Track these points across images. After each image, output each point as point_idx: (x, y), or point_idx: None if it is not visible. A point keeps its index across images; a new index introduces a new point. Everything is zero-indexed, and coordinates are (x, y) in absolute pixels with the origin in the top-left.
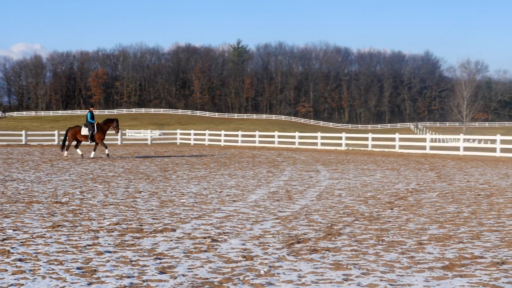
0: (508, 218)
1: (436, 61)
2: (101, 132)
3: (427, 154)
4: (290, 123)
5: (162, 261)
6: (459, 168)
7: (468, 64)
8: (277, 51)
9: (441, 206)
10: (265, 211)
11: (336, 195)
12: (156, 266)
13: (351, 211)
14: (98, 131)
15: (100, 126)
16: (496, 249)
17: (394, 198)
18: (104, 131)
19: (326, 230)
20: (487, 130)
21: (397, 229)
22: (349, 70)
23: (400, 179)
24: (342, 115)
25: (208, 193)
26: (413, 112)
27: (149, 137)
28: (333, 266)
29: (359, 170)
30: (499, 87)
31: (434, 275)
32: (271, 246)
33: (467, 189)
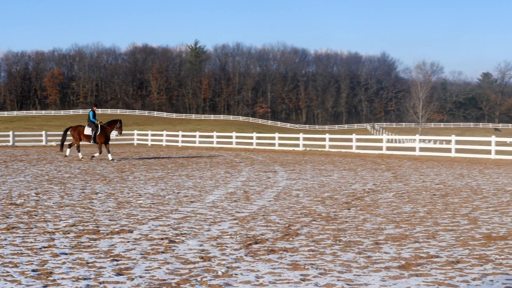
0: (463, 217)
1: (392, 62)
2: (103, 133)
3: (384, 154)
4: (248, 123)
5: (119, 262)
6: (415, 168)
7: (423, 66)
8: (235, 51)
9: (398, 206)
10: (222, 212)
11: (294, 195)
12: (113, 267)
13: (309, 211)
14: (101, 132)
15: (103, 127)
16: (451, 248)
17: (351, 198)
18: (108, 132)
19: (283, 231)
20: (443, 130)
21: (354, 229)
22: (307, 71)
23: (357, 180)
24: (300, 115)
25: (166, 194)
26: (369, 113)
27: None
28: (290, 267)
29: (316, 171)
30: (454, 88)
31: (390, 274)
32: (229, 247)
33: (423, 189)
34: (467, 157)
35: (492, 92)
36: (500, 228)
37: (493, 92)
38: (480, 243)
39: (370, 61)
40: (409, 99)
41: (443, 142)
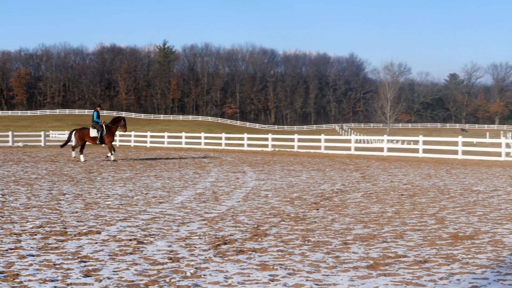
0: (430, 217)
1: (361, 63)
2: (109, 132)
3: (352, 155)
4: (216, 124)
5: (87, 264)
6: (383, 168)
7: (391, 66)
8: (204, 52)
9: (366, 206)
10: (191, 212)
11: (263, 196)
12: (81, 269)
13: (277, 211)
14: (107, 132)
15: (108, 127)
16: (419, 248)
17: (319, 198)
18: (113, 131)
19: (252, 231)
20: (410, 131)
21: (322, 229)
22: (275, 72)
23: (325, 180)
24: (269, 116)
25: (134, 195)
26: (338, 113)
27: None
28: (259, 267)
29: (285, 171)
30: (421, 89)
31: (359, 274)
32: (198, 248)
33: (391, 189)
34: (434, 157)
35: (459, 93)
36: (467, 228)
37: (460, 93)
38: (447, 242)
39: (339, 62)
40: (377, 100)
41: (410, 143)
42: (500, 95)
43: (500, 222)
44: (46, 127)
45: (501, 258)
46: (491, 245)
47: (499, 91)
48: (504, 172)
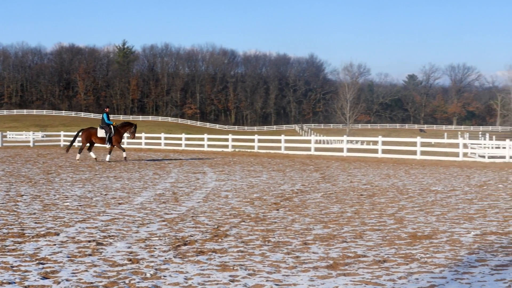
0: (389, 217)
1: (321, 64)
2: (117, 134)
3: (312, 155)
4: (176, 124)
5: (45, 266)
6: (342, 169)
7: (351, 67)
8: (163, 52)
9: (326, 207)
10: (151, 213)
11: (223, 196)
12: (39, 271)
13: (238, 212)
14: (115, 133)
15: (117, 129)
16: (378, 247)
17: (280, 199)
18: (121, 134)
19: (212, 232)
20: (369, 131)
21: (282, 230)
22: (235, 72)
23: (285, 180)
24: (229, 116)
25: (93, 196)
26: (298, 114)
27: (31, 139)
28: (219, 268)
29: (245, 172)
30: (380, 90)
31: (318, 274)
32: (158, 249)
33: (351, 190)
34: (393, 157)
35: (417, 94)
36: (425, 227)
37: (418, 94)
38: (406, 242)
39: (299, 63)
40: (337, 101)
41: (370, 143)
42: (457, 96)
43: (457, 221)
44: (3, 127)
45: (459, 257)
46: (449, 245)
47: (456, 92)
48: (461, 172)
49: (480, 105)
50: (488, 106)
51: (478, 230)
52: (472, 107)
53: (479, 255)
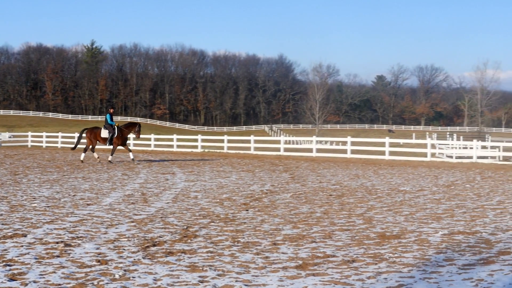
0: (358, 217)
1: (290, 64)
2: (120, 135)
3: (281, 155)
4: (145, 125)
5: (12, 267)
6: (312, 169)
7: (320, 68)
8: (132, 52)
9: (295, 207)
10: (120, 214)
11: (192, 197)
12: (6, 273)
13: (207, 213)
14: (118, 134)
15: (120, 129)
16: (347, 247)
17: (249, 199)
18: (125, 135)
19: (182, 233)
20: (339, 132)
21: (252, 230)
22: (205, 73)
23: (255, 181)
24: (198, 117)
25: (61, 197)
26: (267, 115)
27: None
28: (189, 268)
29: (214, 172)
30: (349, 91)
31: (288, 274)
32: (126, 250)
33: (320, 190)
34: (362, 158)
35: (386, 94)
36: (394, 227)
37: (387, 95)
38: (375, 242)
39: (268, 63)
40: (306, 101)
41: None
42: (425, 97)
43: (425, 221)
44: None
45: (427, 257)
46: (417, 244)
47: (424, 92)
48: (429, 172)
49: (447, 105)
50: (455, 106)
51: (446, 230)
52: (440, 108)
53: (447, 254)
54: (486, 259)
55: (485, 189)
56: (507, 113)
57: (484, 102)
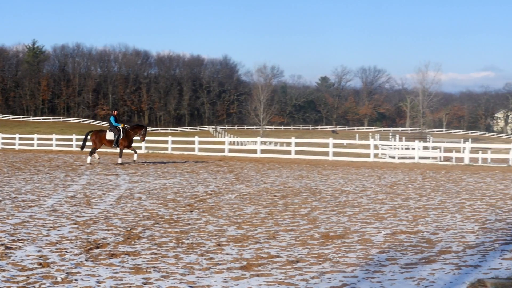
0: (302, 217)
1: (234, 65)
2: (126, 137)
3: (226, 156)
4: (89, 126)
5: None
6: (256, 170)
7: (264, 69)
8: (75, 52)
9: (239, 208)
10: (62, 216)
11: (136, 198)
12: None
13: (151, 214)
14: (123, 136)
15: (126, 131)
16: (291, 248)
17: (193, 200)
18: (131, 136)
19: (125, 234)
20: (283, 133)
21: (196, 231)
22: (149, 73)
23: (199, 182)
24: (142, 118)
25: (1, 199)
26: (212, 115)
27: None
28: (132, 270)
29: (158, 173)
30: (293, 92)
31: (232, 275)
32: (69, 252)
33: (264, 191)
34: (306, 158)
35: (330, 95)
36: (338, 227)
37: (331, 96)
38: (319, 242)
39: (212, 64)
40: (251, 102)
41: (283, 144)
42: (368, 98)
43: (369, 221)
44: None
45: (370, 257)
46: (361, 244)
47: (367, 94)
48: (372, 173)
49: (390, 107)
50: (398, 108)
51: (389, 230)
52: (383, 109)
53: (390, 254)
54: (427, 258)
55: (427, 189)
56: (448, 114)
57: (425, 103)
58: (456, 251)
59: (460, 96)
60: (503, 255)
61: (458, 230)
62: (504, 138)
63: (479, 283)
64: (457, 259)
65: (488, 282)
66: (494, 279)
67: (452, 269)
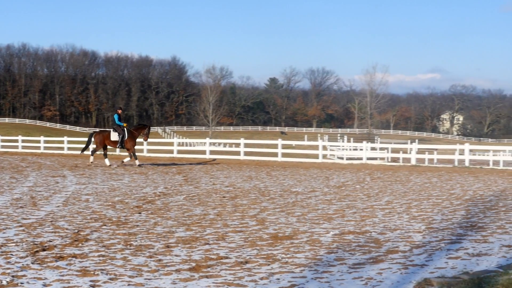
0: (251, 218)
1: (183, 66)
2: (131, 138)
3: (175, 157)
4: (35, 127)
5: None
6: (205, 171)
7: (213, 70)
8: (21, 52)
9: (188, 209)
10: (7, 218)
11: (83, 200)
12: None
13: (99, 216)
14: (129, 136)
15: (130, 131)
16: (240, 249)
17: (142, 202)
18: (135, 137)
19: (72, 237)
20: (232, 134)
21: (145, 233)
22: (96, 74)
23: (148, 183)
24: (90, 119)
25: None
26: (160, 117)
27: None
28: (80, 273)
29: (106, 175)
30: (242, 93)
31: (181, 277)
32: (14, 255)
33: (213, 192)
34: (255, 159)
35: (278, 96)
36: (286, 228)
37: (280, 97)
38: (268, 243)
39: (161, 65)
40: (200, 103)
41: (232, 145)
42: (317, 99)
43: (317, 222)
44: None
45: (318, 257)
46: (309, 244)
47: (316, 95)
48: (321, 174)
49: (338, 108)
50: (346, 109)
51: (337, 230)
52: (331, 110)
53: (338, 254)
54: (375, 258)
55: (375, 190)
56: (395, 116)
57: (373, 104)
58: (403, 251)
59: (407, 97)
60: (449, 255)
61: (405, 230)
62: (450, 139)
63: (425, 282)
64: (404, 259)
65: (435, 281)
66: (440, 278)
67: (399, 268)
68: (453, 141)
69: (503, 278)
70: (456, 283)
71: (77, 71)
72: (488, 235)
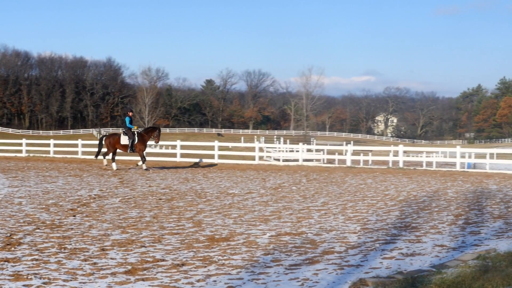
0: (188, 221)
1: (118, 67)
2: (141, 141)
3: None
4: None
5: None
6: (141, 173)
7: (149, 71)
8: None
9: (124, 211)
10: None
11: (16, 203)
12: None
13: (32, 219)
14: (139, 140)
15: (140, 135)
16: (177, 251)
17: (76, 204)
18: (145, 140)
19: (5, 240)
20: (168, 136)
21: (80, 236)
22: (30, 75)
23: (83, 186)
24: (23, 120)
25: None
26: (96, 118)
27: None
28: (12, 277)
29: (40, 177)
30: (179, 94)
31: (117, 280)
32: None
33: (149, 194)
34: (192, 161)
35: (215, 98)
36: (223, 230)
37: (216, 99)
38: (204, 245)
39: (96, 66)
40: (135, 105)
41: (168, 147)
42: (253, 101)
43: (254, 223)
44: None
45: (255, 258)
46: (246, 246)
47: (252, 97)
48: (257, 175)
49: (275, 110)
50: (282, 111)
51: (273, 231)
52: (268, 112)
53: (274, 255)
54: (311, 259)
55: (310, 191)
56: (331, 117)
57: (309, 106)
58: (339, 252)
59: (343, 99)
60: (384, 255)
61: (340, 231)
62: (384, 140)
63: (360, 282)
64: (339, 259)
65: (370, 281)
66: (375, 278)
67: (335, 269)
68: (387, 142)
69: (436, 277)
70: (390, 282)
71: (9, 71)
72: (422, 235)
